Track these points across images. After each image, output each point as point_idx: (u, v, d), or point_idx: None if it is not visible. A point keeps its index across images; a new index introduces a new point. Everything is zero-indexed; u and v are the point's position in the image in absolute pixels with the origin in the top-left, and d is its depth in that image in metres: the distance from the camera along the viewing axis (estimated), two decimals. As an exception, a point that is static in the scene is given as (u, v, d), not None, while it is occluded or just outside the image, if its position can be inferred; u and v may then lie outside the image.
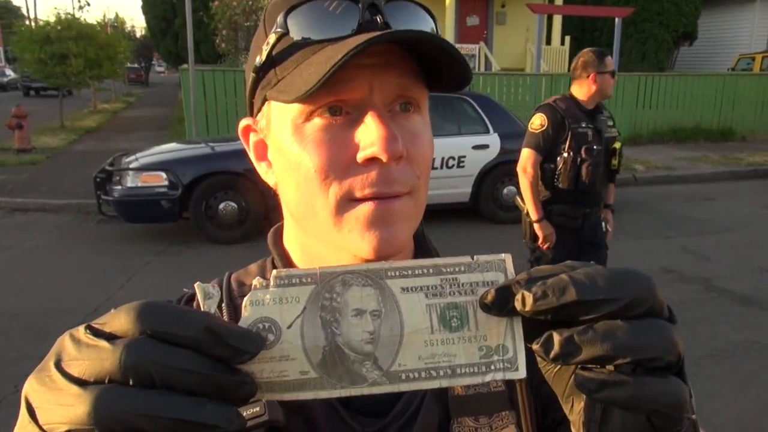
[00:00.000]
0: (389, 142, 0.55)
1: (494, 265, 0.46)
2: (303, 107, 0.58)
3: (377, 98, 0.57)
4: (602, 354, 0.40)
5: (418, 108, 0.61)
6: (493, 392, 0.66)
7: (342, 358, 0.43)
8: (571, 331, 0.41)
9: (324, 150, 0.58)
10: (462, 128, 7.46)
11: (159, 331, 0.38)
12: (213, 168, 6.66)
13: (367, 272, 0.45)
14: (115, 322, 0.39)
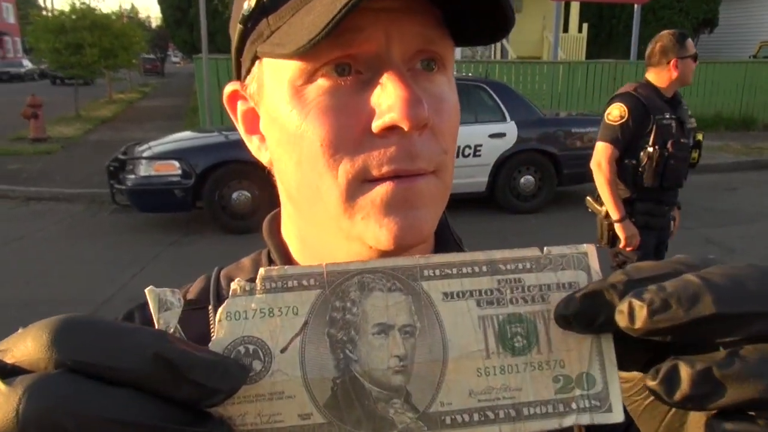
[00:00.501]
0: (412, 107, 0.44)
1: (573, 260, 0.34)
2: (303, 65, 0.47)
3: (395, 52, 0.46)
4: (757, 397, 0.28)
5: (443, 66, 0.51)
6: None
7: (360, 395, 0.32)
8: (707, 360, 0.29)
9: (331, 118, 0.47)
10: (478, 116, 7.33)
11: (84, 362, 0.27)
12: (226, 157, 6.59)
13: (394, 270, 0.33)
14: (21, 348, 0.28)
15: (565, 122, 7.98)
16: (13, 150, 11.16)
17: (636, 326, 0.30)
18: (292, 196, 0.54)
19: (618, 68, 13.29)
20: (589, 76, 13.11)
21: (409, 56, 0.48)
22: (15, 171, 9.43)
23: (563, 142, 7.61)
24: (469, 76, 9.73)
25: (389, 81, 0.45)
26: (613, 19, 19.46)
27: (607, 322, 0.31)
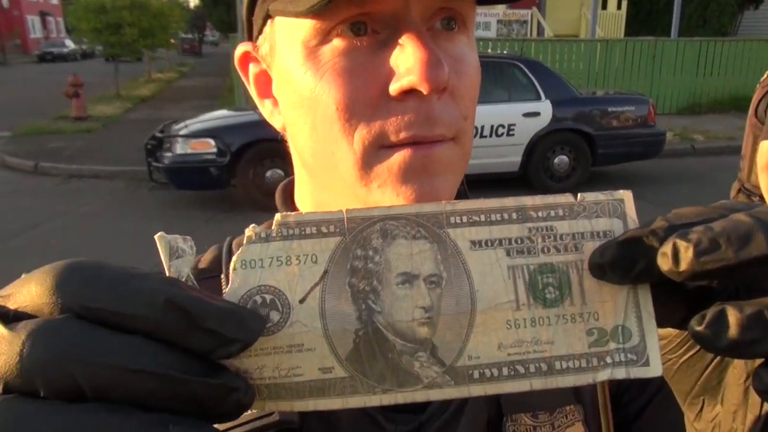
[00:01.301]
0: (432, 68, 0.42)
1: (608, 207, 0.32)
2: (317, 24, 0.44)
3: (415, 10, 0.44)
4: None
5: (463, 26, 0.48)
6: None
7: (383, 348, 0.30)
8: (758, 304, 0.27)
9: (347, 81, 0.45)
10: (512, 95, 7.24)
11: (92, 307, 0.25)
12: (260, 135, 6.63)
13: (419, 217, 0.31)
14: (24, 293, 0.26)
15: (601, 101, 7.85)
16: (56, 128, 11.44)
17: (681, 268, 0.27)
18: (307, 163, 0.53)
19: (658, 46, 12.92)
20: (628, 54, 12.76)
21: (429, 15, 0.45)
22: (57, 149, 9.69)
23: (599, 121, 7.49)
24: (504, 53, 9.62)
25: (408, 41, 0.43)
26: (655, -5, 18.94)
27: (646, 271, 0.29)
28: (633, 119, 7.65)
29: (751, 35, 16.49)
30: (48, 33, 53.20)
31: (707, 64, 13.21)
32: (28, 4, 49.87)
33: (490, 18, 15.35)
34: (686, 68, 13.04)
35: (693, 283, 0.31)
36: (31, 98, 17.00)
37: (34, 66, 34.94)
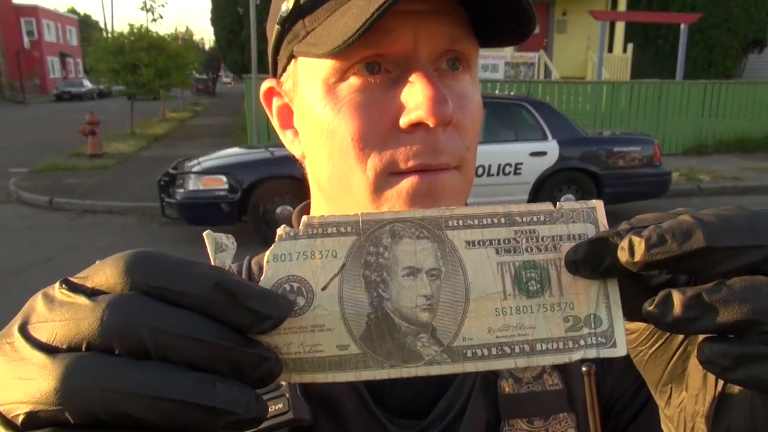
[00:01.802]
0: (438, 105, 0.47)
1: (582, 214, 0.37)
2: (336, 64, 0.50)
3: (423, 52, 0.49)
4: (741, 319, 0.30)
5: (467, 66, 0.53)
6: (550, 391, 0.57)
7: (391, 330, 0.35)
8: (697, 288, 0.31)
9: (362, 114, 0.50)
10: (519, 134, 7.37)
11: (155, 287, 0.30)
12: (271, 173, 6.80)
13: (422, 220, 0.36)
14: (99, 275, 0.31)
15: (607, 141, 7.95)
16: (71, 165, 11.67)
17: (635, 259, 0.32)
18: (323, 188, 0.58)
19: (663, 88, 13.08)
20: (634, 96, 12.92)
21: (436, 56, 0.50)
22: (72, 185, 9.87)
23: (605, 161, 7.57)
24: (511, 94, 9.78)
25: (417, 79, 0.48)
26: (659, 39, 19.15)
27: (612, 266, 0.34)
28: (639, 159, 7.73)
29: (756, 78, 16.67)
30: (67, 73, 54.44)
31: (712, 106, 13.33)
32: (49, 45, 51.16)
33: (498, 61, 15.61)
34: (691, 110, 13.16)
35: (655, 278, 0.36)
36: (47, 136, 17.35)
37: (52, 105, 35.65)
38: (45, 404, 0.28)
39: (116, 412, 0.28)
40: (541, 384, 0.57)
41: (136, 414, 0.28)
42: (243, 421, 0.29)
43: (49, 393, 0.28)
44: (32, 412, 0.28)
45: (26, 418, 0.29)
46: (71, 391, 0.27)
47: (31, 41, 48.71)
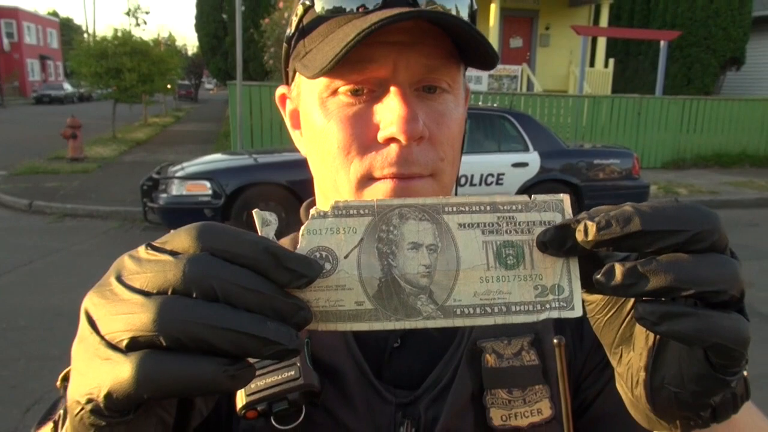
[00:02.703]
0: (408, 123, 0.55)
1: (552, 204, 0.44)
2: (328, 82, 0.58)
3: (402, 78, 0.57)
4: (666, 285, 0.38)
5: (448, 87, 0.61)
6: (527, 366, 0.65)
7: (398, 291, 0.42)
8: (634, 262, 0.39)
9: (347, 127, 0.58)
10: (501, 146, 7.49)
11: (220, 249, 0.37)
12: (255, 179, 6.83)
13: (424, 206, 0.44)
14: (176, 241, 0.38)
15: (587, 154, 8.09)
16: (52, 169, 11.57)
17: (588, 239, 0.40)
18: (319, 183, 0.67)
19: (643, 103, 13.32)
20: (614, 110, 13.15)
21: (414, 81, 0.58)
22: (53, 188, 9.79)
23: (585, 173, 7.72)
24: (494, 106, 9.90)
25: (393, 99, 0.56)
26: (640, 55, 19.46)
27: (573, 246, 0.41)
28: (618, 172, 7.88)
29: (733, 95, 17.02)
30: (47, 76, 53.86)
31: (690, 121, 13.61)
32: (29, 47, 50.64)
33: (482, 73, 15.77)
34: (670, 125, 13.42)
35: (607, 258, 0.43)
36: (27, 139, 17.19)
37: (31, 107, 35.29)
38: (144, 331, 0.35)
39: (196, 338, 0.35)
40: (519, 360, 0.65)
41: (210, 340, 0.35)
42: (286, 351, 0.37)
43: (147, 323, 0.35)
44: (134, 338, 0.36)
45: (129, 342, 0.36)
46: (164, 322, 0.35)
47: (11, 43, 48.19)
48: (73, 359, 0.39)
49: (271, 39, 13.71)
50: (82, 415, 0.38)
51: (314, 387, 0.59)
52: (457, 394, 0.63)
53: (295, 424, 0.60)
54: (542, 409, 0.63)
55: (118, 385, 0.36)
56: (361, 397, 0.63)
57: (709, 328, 0.38)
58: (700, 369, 0.41)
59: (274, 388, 0.58)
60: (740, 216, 9.46)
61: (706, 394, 0.42)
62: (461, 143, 0.65)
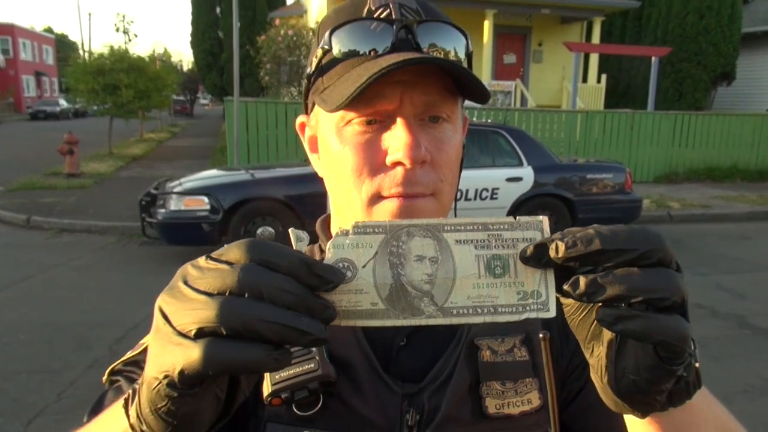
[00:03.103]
0: (412, 149, 0.64)
1: (533, 224, 0.52)
2: (344, 114, 0.67)
3: (407, 110, 0.66)
4: (619, 293, 0.46)
5: (448, 119, 0.69)
6: (519, 361, 0.73)
7: (405, 294, 0.50)
8: (595, 274, 0.47)
9: (360, 152, 0.67)
10: (496, 161, 7.58)
11: (265, 260, 0.45)
12: (252, 194, 6.90)
13: (427, 226, 0.51)
14: (230, 253, 0.46)
15: (580, 168, 8.18)
16: (49, 184, 11.62)
17: (559, 255, 0.48)
18: (334, 201, 0.75)
19: (636, 118, 13.49)
20: (607, 125, 13.30)
21: (420, 112, 0.67)
22: (50, 204, 9.83)
23: (579, 187, 7.80)
24: (488, 122, 10.01)
25: (399, 128, 0.65)
26: (632, 71, 19.65)
27: (548, 260, 0.49)
28: (611, 186, 7.97)
29: (724, 110, 17.22)
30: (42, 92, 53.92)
31: (682, 136, 13.80)
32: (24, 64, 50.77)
33: (476, 88, 15.89)
34: (662, 139, 13.59)
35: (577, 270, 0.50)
36: (23, 155, 17.24)
37: (26, 123, 35.38)
38: (209, 323, 0.43)
39: (250, 329, 0.43)
40: (512, 355, 0.73)
41: (260, 331, 0.43)
42: (317, 340, 0.45)
43: (211, 317, 0.43)
44: (200, 328, 0.44)
45: (197, 332, 0.44)
46: (225, 316, 0.43)
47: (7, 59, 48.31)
48: (150, 346, 0.48)
49: (267, 55, 13.82)
50: (159, 388, 0.46)
51: (331, 377, 0.67)
52: (456, 385, 0.71)
53: (314, 411, 0.68)
54: (532, 399, 0.72)
55: (189, 365, 0.44)
56: (371, 388, 0.70)
57: (654, 327, 0.46)
58: (650, 361, 0.49)
59: (296, 379, 0.66)
60: (732, 229, 9.57)
61: (658, 382, 0.50)
62: (459, 166, 0.74)
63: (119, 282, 6.37)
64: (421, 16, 0.68)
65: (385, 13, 0.67)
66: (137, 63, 16.71)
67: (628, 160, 12.82)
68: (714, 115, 14.33)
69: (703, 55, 18.07)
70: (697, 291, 6.32)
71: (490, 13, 16.03)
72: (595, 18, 17.25)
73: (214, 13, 26.91)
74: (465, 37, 0.70)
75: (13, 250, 7.61)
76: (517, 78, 17.61)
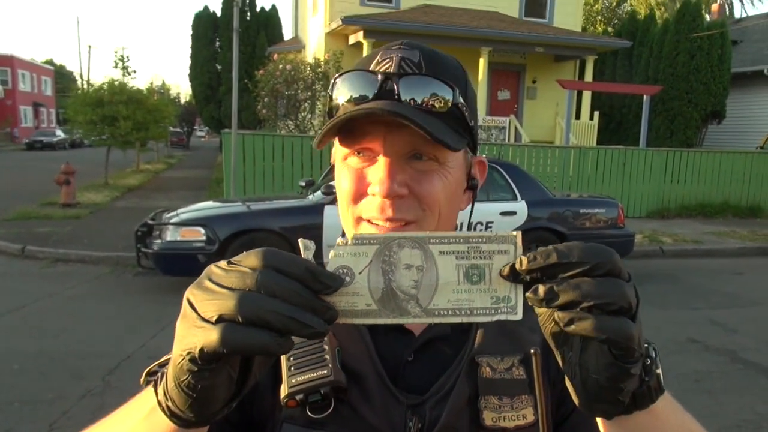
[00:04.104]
0: (384, 184, 0.73)
1: (507, 238, 0.58)
2: (343, 148, 0.78)
3: (388, 150, 0.75)
4: (572, 299, 0.52)
5: (434, 158, 0.76)
6: (516, 379, 0.79)
7: (395, 297, 0.56)
8: (552, 283, 0.54)
9: (352, 181, 0.77)
10: (490, 195, 7.64)
11: (277, 267, 0.52)
12: (248, 225, 6.93)
13: (415, 239, 0.58)
14: (249, 260, 0.53)
15: (573, 203, 8.27)
16: (44, 214, 11.63)
17: (522, 268, 0.55)
18: (341, 218, 0.83)
19: (628, 154, 13.66)
20: (600, 161, 13.45)
21: (404, 152, 0.75)
22: (45, 233, 9.83)
23: (572, 221, 7.88)
24: (483, 157, 10.10)
25: (380, 164, 0.75)
26: (624, 108, 19.92)
27: (518, 274, 0.56)
28: (604, 221, 8.05)
29: (715, 148, 17.44)
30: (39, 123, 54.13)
31: (674, 172, 13.96)
32: (23, 94, 51.12)
33: (470, 123, 16.07)
34: (654, 175, 13.75)
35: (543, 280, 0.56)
36: (19, 184, 17.26)
37: (22, 153, 35.45)
38: (228, 312, 0.50)
39: (262, 319, 0.50)
40: (510, 374, 0.79)
41: (270, 320, 0.50)
42: (317, 333, 0.52)
43: (231, 307, 0.50)
44: (221, 315, 0.51)
45: (217, 318, 0.51)
46: (242, 307, 0.50)
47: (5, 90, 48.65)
48: (177, 329, 0.55)
49: (266, 89, 14.01)
50: (183, 363, 0.53)
51: (341, 383, 0.74)
52: (456, 398, 0.77)
53: (326, 414, 0.75)
54: (527, 414, 0.78)
55: (208, 344, 0.50)
56: (379, 398, 0.77)
57: (601, 326, 0.52)
58: (606, 359, 0.55)
59: (311, 383, 0.73)
60: (724, 265, 9.63)
61: (616, 379, 0.55)
62: (456, 200, 0.81)
63: (113, 312, 6.36)
64: (420, 69, 0.76)
65: (386, 66, 0.76)
66: (136, 95, 16.89)
67: (621, 196, 12.95)
68: (705, 152, 14.53)
69: (694, 94, 18.36)
70: (690, 325, 6.36)
71: (485, 51, 16.33)
72: (588, 57, 17.59)
73: (213, 47, 27.31)
74: (452, 89, 0.75)
75: (8, 280, 7.61)
76: (512, 114, 17.85)
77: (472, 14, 17.11)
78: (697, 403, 4.49)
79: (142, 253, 7.08)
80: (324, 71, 13.96)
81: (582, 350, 0.56)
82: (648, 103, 14.66)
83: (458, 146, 0.75)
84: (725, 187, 14.29)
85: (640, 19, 20.69)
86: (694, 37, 18.11)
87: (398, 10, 17.25)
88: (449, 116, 0.75)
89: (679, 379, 4.93)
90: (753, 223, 13.39)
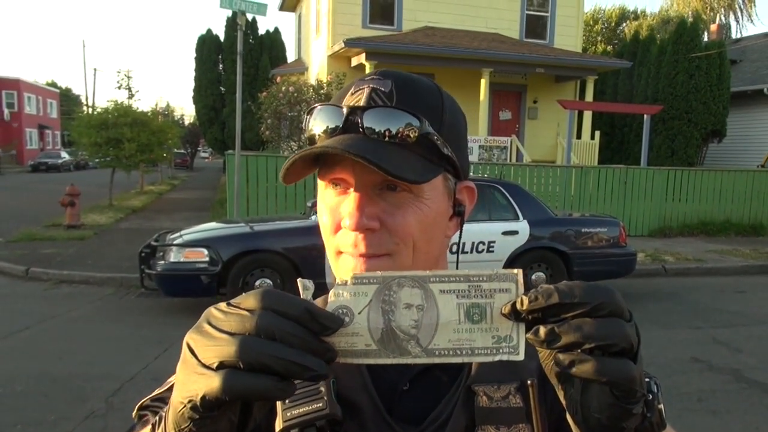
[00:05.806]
0: (353, 218, 0.72)
1: (509, 276, 0.57)
2: (322, 179, 0.77)
3: (358, 183, 0.73)
4: (574, 340, 0.52)
5: (408, 188, 0.74)
6: (513, 408, 0.76)
7: (395, 337, 0.56)
8: (553, 324, 0.53)
9: (329, 214, 0.77)
10: (492, 214, 7.67)
11: (276, 309, 0.52)
12: (251, 246, 6.95)
13: (415, 278, 0.57)
14: (248, 301, 0.53)
15: (575, 222, 8.30)
16: (48, 235, 11.67)
17: (524, 308, 0.54)
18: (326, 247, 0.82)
19: (629, 173, 13.69)
20: (601, 180, 13.48)
21: (374, 184, 0.73)
22: (49, 255, 9.87)
23: (574, 241, 7.89)
24: (484, 177, 10.16)
25: (350, 198, 0.73)
26: (625, 128, 19.94)
27: (520, 314, 0.55)
28: (606, 240, 8.06)
29: (716, 166, 17.48)
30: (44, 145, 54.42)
31: (675, 191, 13.97)
32: (29, 117, 51.47)
33: (473, 144, 16.16)
34: (656, 194, 13.76)
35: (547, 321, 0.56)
36: (24, 206, 17.34)
37: (27, 175, 35.64)
38: (229, 357, 0.50)
39: (263, 364, 0.50)
40: (507, 402, 0.77)
41: (271, 365, 0.50)
42: (318, 375, 0.52)
43: (232, 352, 0.50)
44: (221, 362, 0.51)
45: (218, 364, 0.51)
46: (243, 353, 0.50)
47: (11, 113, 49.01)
48: (177, 375, 0.55)
49: (269, 111, 14.11)
50: (183, 411, 0.53)
51: (337, 416, 0.73)
52: (453, 428, 0.75)
53: None
54: None
55: (210, 391, 0.51)
56: (375, 429, 0.76)
57: (603, 369, 0.52)
58: (609, 399, 0.55)
59: (306, 416, 0.72)
60: (727, 283, 9.60)
61: (618, 419, 0.56)
62: (435, 229, 0.78)
63: (116, 333, 6.37)
64: (391, 99, 0.74)
65: (356, 98, 0.75)
66: (140, 117, 17.01)
67: (623, 215, 12.97)
68: (706, 171, 14.54)
69: (694, 113, 18.38)
70: (693, 344, 6.34)
71: (486, 72, 16.44)
72: (589, 77, 17.68)
73: (216, 70, 27.54)
74: (419, 120, 0.72)
75: (12, 301, 7.63)
76: (513, 134, 17.92)
77: (473, 36, 17.26)
78: (701, 423, 4.47)
79: (145, 274, 7.09)
80: (327, 93, 14.06)
81: (584, 390, 0.56)
82: (648, 122, 14.74)
83: (424, 178, 0.72)
84: (727, 205, 14.29)
85: (642, 39, 20.83)
86: (692, 57, 18.22)
87: (400, 33, 17.40)
88: (419, 146, 0.73)
89: (683, 399, 4.91)
90: (755, 241, 13.37)
